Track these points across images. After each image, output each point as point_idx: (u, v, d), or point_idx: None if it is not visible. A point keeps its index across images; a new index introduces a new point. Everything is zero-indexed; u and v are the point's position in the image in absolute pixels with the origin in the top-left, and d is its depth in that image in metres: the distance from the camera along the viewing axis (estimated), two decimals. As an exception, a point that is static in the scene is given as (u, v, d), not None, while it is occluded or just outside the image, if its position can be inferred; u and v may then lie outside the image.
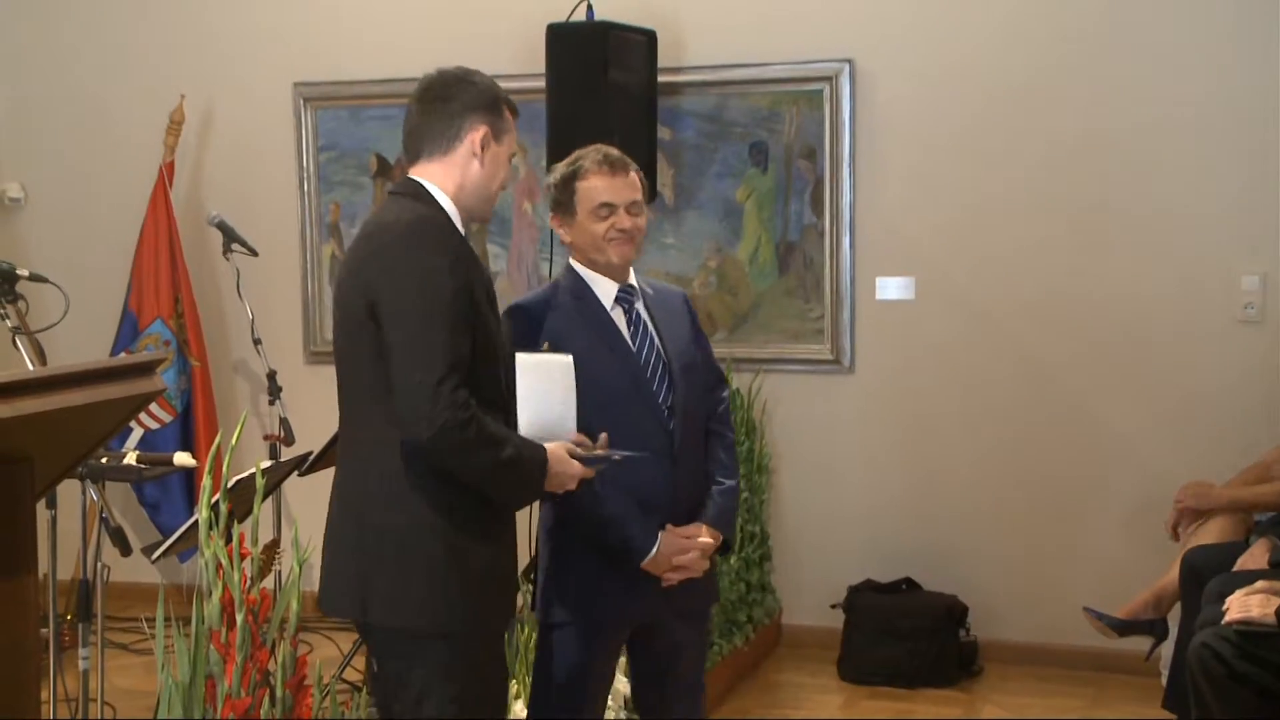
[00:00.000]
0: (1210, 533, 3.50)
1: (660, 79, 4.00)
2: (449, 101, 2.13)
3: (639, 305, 2.46)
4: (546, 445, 2.14)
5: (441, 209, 2.12)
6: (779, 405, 4.19)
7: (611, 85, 3.76)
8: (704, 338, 2.58)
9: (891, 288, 4.14)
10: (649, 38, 3.96)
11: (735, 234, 4.23)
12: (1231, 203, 3.87)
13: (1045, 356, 4.05)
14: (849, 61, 4.10)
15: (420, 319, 1.99)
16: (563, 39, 3.80)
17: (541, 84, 3.81)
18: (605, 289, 2.43)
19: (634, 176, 2.43)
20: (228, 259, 4.11)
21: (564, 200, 2.41)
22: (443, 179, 2.13)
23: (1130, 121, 3.92)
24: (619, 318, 2.44)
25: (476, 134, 2.13)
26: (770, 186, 4.21)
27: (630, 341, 2.43)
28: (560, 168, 2.45)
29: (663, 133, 4.12)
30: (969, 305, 4.10)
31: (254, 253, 4.11)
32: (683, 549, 2.37)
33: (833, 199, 4.14)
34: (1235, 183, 3.86)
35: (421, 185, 2.12)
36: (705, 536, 2.41)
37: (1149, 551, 3.80)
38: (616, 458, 2.24)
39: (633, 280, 2.46)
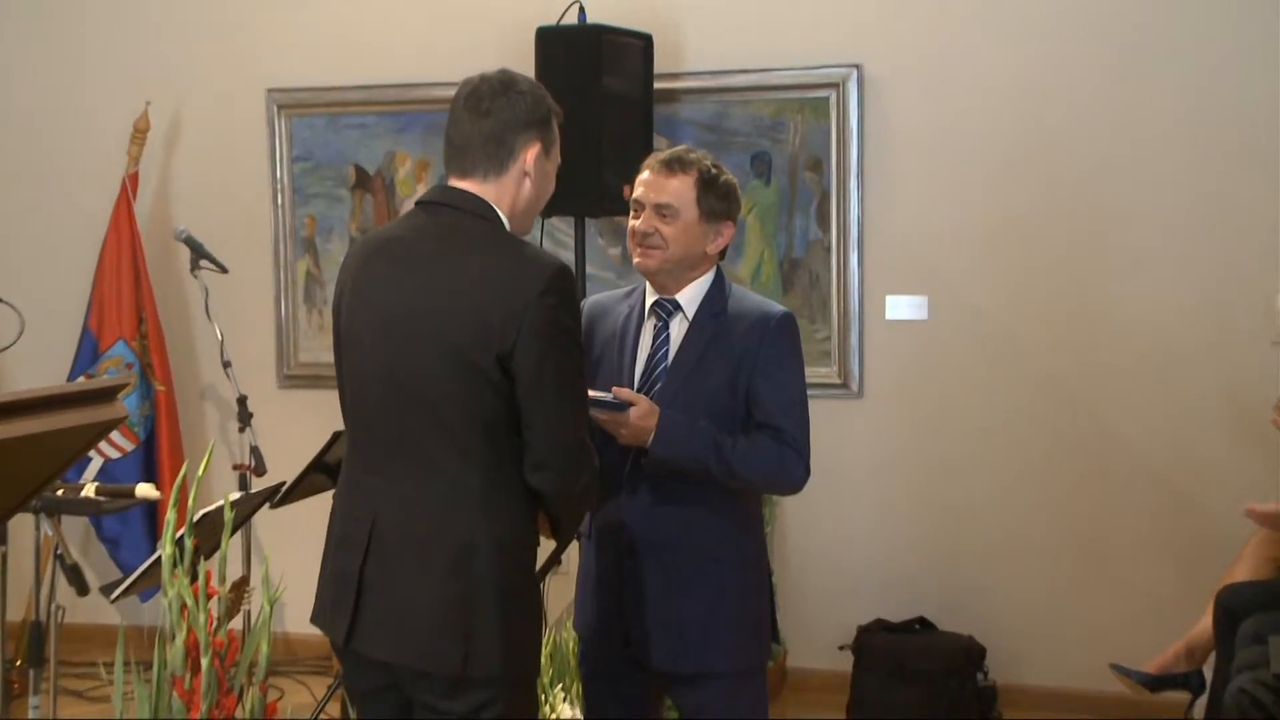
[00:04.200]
0: (1243, 570, 3.48)
1: (657, 85, 4.00)
2: (499, 115, 2.12)
3: (675, 322, 2.46)
4: None
5: (518, 236, 2.17)
6: (783, 432, 4.17)
7: (605, 92, 3.76)
8: (770, 375, 2.41)
9: (903, 307, 4.14)
10: (645, 41, 3.96)
11: (736, 250, 4.22)
12: (1262, 218, 3.87)
13: (1068, 380, 4.03)
14: (857, 67, 4.10)
15: (573, 376, 2.10)
16: (553, 43, 3.80)
17: (530, 91, 3.81)
18: (650, 295, 2.48)
19: (683, 179, 2.39)
20: (195, 276, 4.09)
21: None
22: (497, 199, 2.13)
23: (1156, 132, 3.93)
24: (649, 327, 2.47)
25: (530, 152, 2.14)
26: (774, 200, 4.21)
27: (640, 354, 2.46)
28: None
29: (659, 142, 4.09)
30: (985, 325, 4.09)
31: (223, 269, 4.10)
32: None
33: (840, 213, 4.14)
34: (1266, 198, 3.85)
35: (494, 208, 2.12)
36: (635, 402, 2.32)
37: (1182, 589, 3.78)
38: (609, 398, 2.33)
39: (683, 295, 2.45)
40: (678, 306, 2.46)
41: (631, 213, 2.45)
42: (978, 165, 4.07)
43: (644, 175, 2.45)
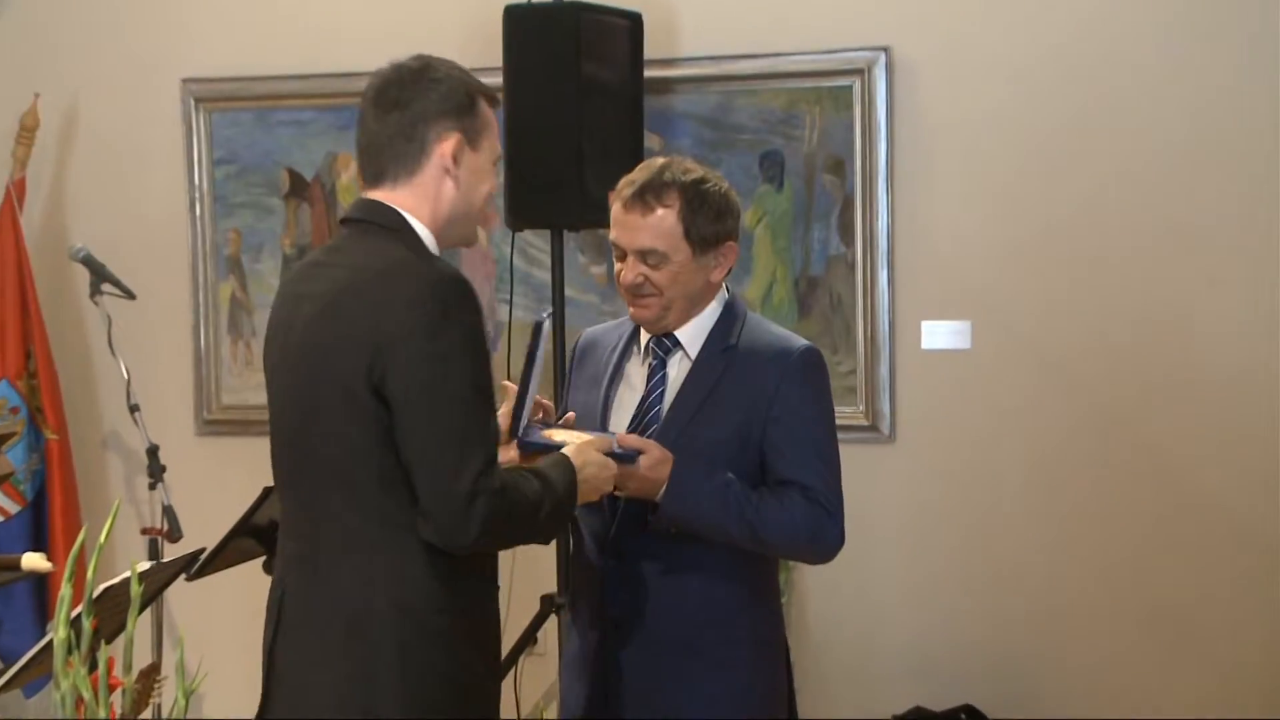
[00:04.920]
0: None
1: (647, 73, 4.00)
2: (408, 107, 2.16)
3: (674, 360, 2.46)
4: (570, 455, 2.23)
5: (425, 247, 2.17)
6: (801, 484, 4.16)
7: (586, 81, 3.76)
8: (791, 422, 2.40)
9: (941, 334, 4.13)
10: (633, 22, 3.96)
11: (744, 268, 4.21)
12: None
13: (1137, 420, 4.01)
14: (885, 50, 4.10)
15: (452, 407, 2.05)
16: (524, 23, 3.80)
17: (498, 80, 3.79)
18: (644, 333, 2.50)
19: (663, 212, 2.38)
20: (96, 303, 4.04)
21: None
22: (415, 207, 2.17)
23: (1228, 126, 3.91)
24: (643, 368, 2.47)
25: (445, 145, 2.17)
26: (787, 207, 4.20)
27: (625, 398, 2.45)
28: None
29: (651, 140, 4.10)
30: (1038, 355, 4.07)
31: (131, 295, 4.06)
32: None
33: (866, 223, 4.13)
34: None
35: (401, 216, 2.16)
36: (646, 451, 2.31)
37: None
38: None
39: (684, 331, 2.45)
40: (676, 343, 2.46)
41: (614, 253, 2.45)
42: (1028, 165, 4.05)
43: (615, 210, 2.43)
